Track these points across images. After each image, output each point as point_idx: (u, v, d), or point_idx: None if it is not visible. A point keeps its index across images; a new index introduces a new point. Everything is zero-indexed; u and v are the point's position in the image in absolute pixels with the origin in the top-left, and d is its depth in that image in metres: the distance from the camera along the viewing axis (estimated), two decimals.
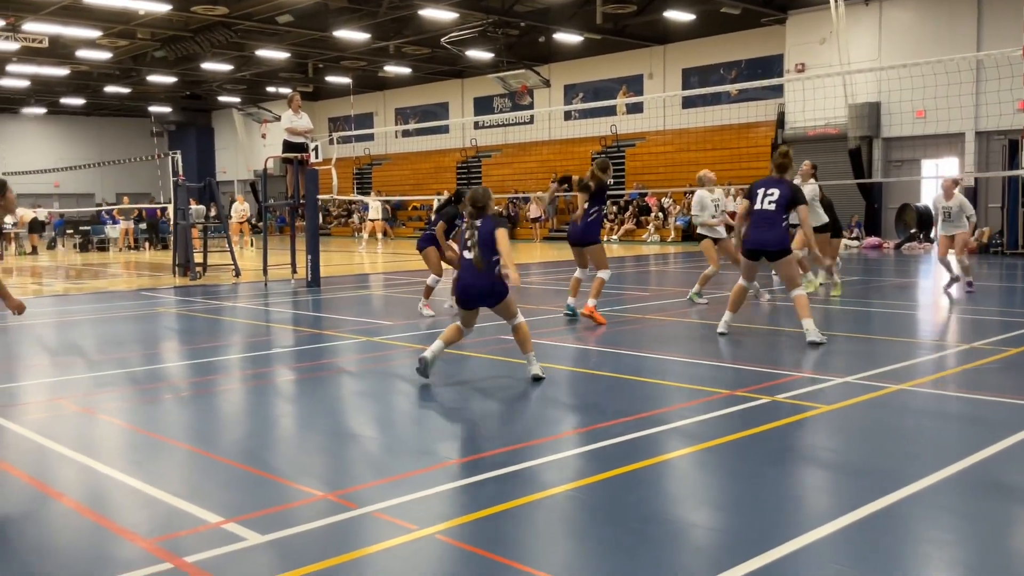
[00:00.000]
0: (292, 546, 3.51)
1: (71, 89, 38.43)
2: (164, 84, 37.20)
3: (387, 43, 29.16)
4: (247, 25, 26.44)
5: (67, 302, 13.50)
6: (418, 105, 39.26)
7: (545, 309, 11.27)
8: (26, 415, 6.00)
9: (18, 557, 3.53)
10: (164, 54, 29.77)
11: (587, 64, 32.44)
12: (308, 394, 6.73)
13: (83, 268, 21.36)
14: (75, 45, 28.64)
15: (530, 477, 4.40)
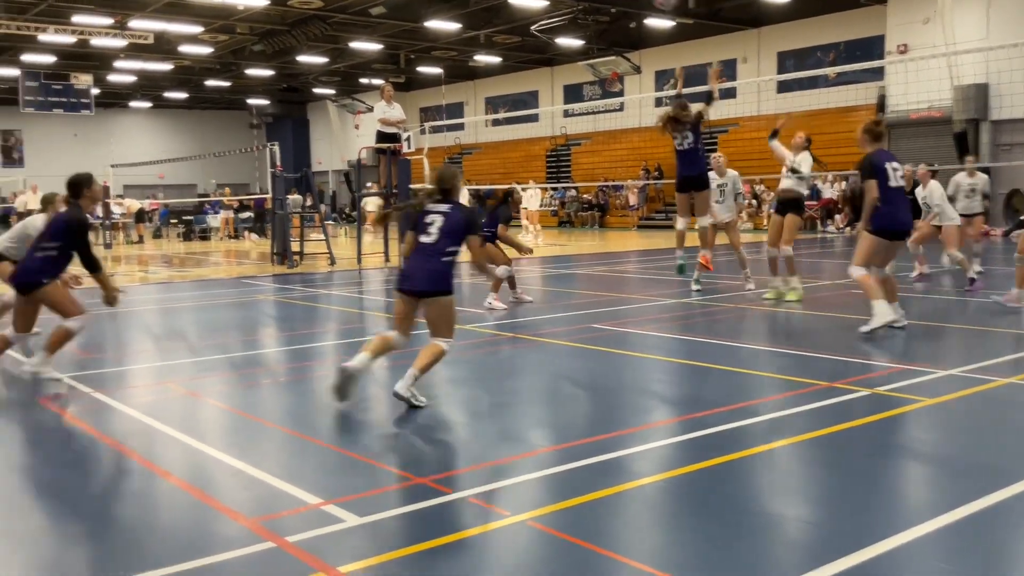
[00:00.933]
0: (389, 529, 3.59)
1: (174, 83, 39.85)
2: (262, 77, 38.23)
3: (477, 32, 29.30)
4: (341, 17, 26.93)
5: (171, 289, 14.06)
6: (508, 94, 39.35)
7: (638, 298, 11.19)
8: (135, 397, 6.28)
9: (128, 533, 3.71)
10: (262, 48, 30.59)
11: (679, 49, 31.92)
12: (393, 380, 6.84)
13: (186, 256, 22.19)
14: (178, 41, 29.67)
15: (623, 466, 4.39)
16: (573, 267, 15.35)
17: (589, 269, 15.29)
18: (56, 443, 5.25)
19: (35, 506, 4.14)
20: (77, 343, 8.52)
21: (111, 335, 9.68)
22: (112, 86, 38.40)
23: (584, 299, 11.18)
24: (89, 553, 3.54)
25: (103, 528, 3.79)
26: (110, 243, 25.58)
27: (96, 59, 32.45)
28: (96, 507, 4.05)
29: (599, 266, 16.10)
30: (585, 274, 14.54)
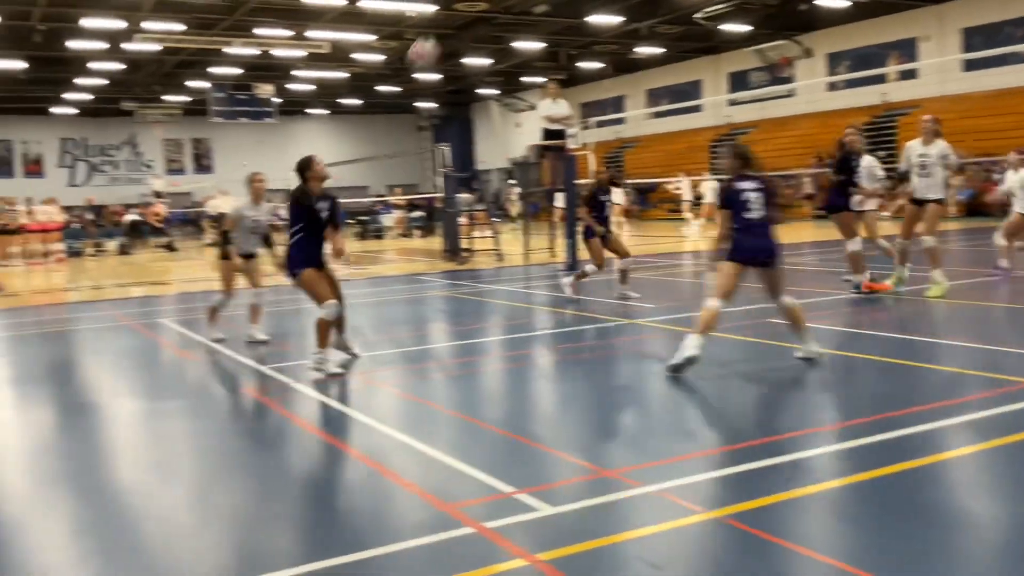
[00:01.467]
0: (582, 519, 3.66)
1: (349, 90, 41.72)
2: (430, 81, 39.42)
3: (639, 25, 29.05)
4: (505, 18, 27.38)
5: (349, 287, 14.76)
6: (670, 85, 38.80)
7: (816, 291, 10.80)
8: (324, 386, 6.65)
9: (334, 514, 3.96)
10: None
11: (853, 30, 30.47)
12: (573, 375, 6.93)
13: (362, 254, 23.21)
14: (352, 49, 31.05)
15: (812, 466, 4.28)
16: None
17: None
18: (257, 429, 5.65)
19: (236, 487, 4.47)
20: (275, 336, 9.10)
21: (299, 328, 10.28)
22: (292, 95, 40.63)
23: (758, 292, 10.88)
24: (298, 533, 3.80)
25: (308, 511, 4.06)
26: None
27: (277, 70, 34.45)
28: (299, 491, 4.33)
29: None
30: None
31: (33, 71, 31.60)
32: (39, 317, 12.43)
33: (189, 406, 6.30)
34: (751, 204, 6.29)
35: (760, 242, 6.36)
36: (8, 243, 22.79)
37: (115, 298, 14.11)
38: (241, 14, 24.80)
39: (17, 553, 3.68)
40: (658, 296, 11.14)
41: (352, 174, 45.91)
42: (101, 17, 24.08)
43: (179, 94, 37.67)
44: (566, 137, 15.76)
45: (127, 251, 27.26)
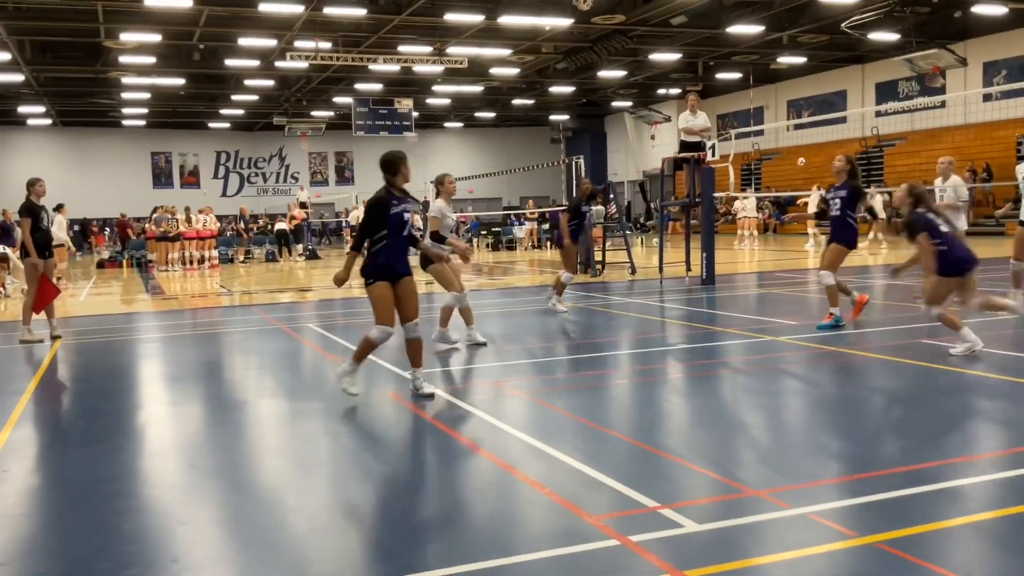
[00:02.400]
0: (730, 538, 3.58)
1: (484, 104, 42.47)
2: (563, 93, 39.64)
3: (781, 34, 28.32)
4: (642, 30, 27.23)
5: (482, 296, 14.96)
6: (812, 95, 37.63)
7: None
8: (465, 394, 6.76)
9: (481, 521, 4.01)
10: (565, 65, 31.70)
11: (1011, 37, 28.76)
12: (718, 389, 6.78)
13: (495, 265, 23.51)
14: (489, 64, 31.60)
15: (970, 495, 4.04)
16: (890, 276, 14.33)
17: (913, 279, 14.20)
18: (399, 433, 5.79)
19: (386, 487, 4.58)
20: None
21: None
22: (430, 109, 41.69)
23: (907, 312, 10.39)
24: (438, 536, 3.87)
25: (448, 516, 4.12)
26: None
27: (417, 85, 35.43)
28: (439, 495, 4.41)
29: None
30: (907, 284, 13.52)
31: (192, 87, 33.66)
32: (195, 319, 13.18)
33: (331, 407, 6.52)
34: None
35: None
36: (169, 249, 24.28)
37: (264, 303, 14.80)
38: (385, 32, 25.64)
39: (171, 544, 3.90)
40: (792, 312, 10.79)
41: (486, 186, 46.70)
42: (255, 36, 25.41)
43: (324, 109, 39.27)
44: (704, 149, 15.51)
45: (275, 258, 28.56)
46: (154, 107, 38.38)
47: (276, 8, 22.04)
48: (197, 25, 24.57)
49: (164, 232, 24.26)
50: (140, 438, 5.97)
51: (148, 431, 6.13)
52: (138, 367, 9.10)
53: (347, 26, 25.40)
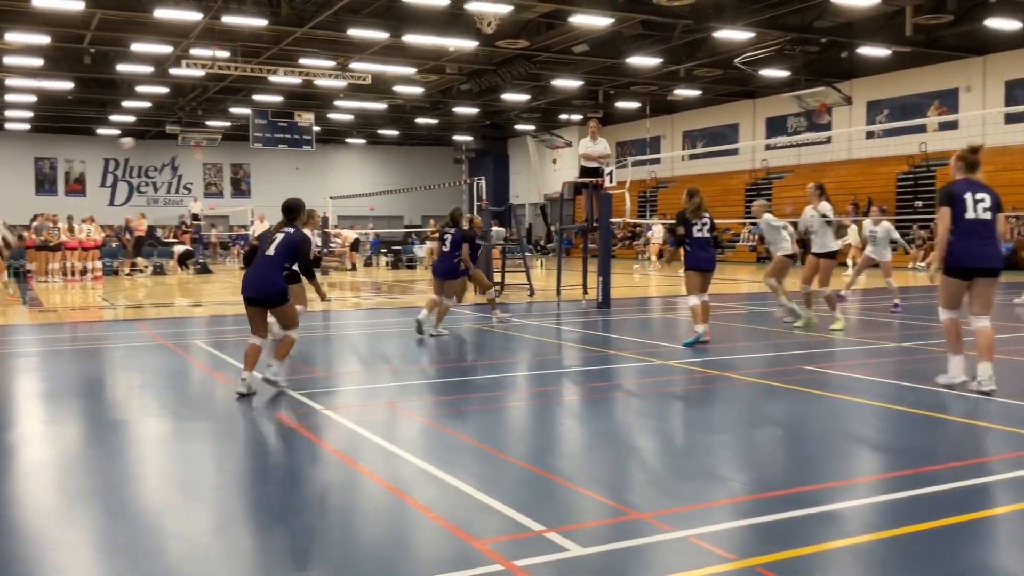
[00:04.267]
0: (613, 562, 3.61)
1: (387, 121, 42.27)
2: (467, 115, 39.82)
3: (678, 67, 29.21)
4: (545, 56, 27.65)
5: (381, 315, 14.82)
6: (707, 127, 38.88)
7: (849, 340, 10.68)
8: (356, 415, 6.66)
9: (364, 547, 3.94)
10: (469, 87, 31.88)
11: (894, 79, 30.42)
12: (608, 414, 6.88)
13: (394, 283, 23.33)
14: (393, 81, 31.49)
15: (848, 518, 4.21)
16: (774, 304, 14.85)
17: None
18: (286, 455, 5.65)
19: (271, 511, 4.46)
20: (303, 362, 9.18)
21: (330, 355, 10.33)
22: (331, 124, 41.22)
23: (789, 338, 10.79)
24: (324, 561, 3.78)
25: (335, 540, 4.04)
26: (327, 270, 27.31)
27: (318, 99, 34.99)
28: (326, 519, 4.32)
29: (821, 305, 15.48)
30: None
31: (81, 92, 32.37)
32: (75, 333, 12.60)
33: (217, 428, 6.33)
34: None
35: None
36: (49, 259, 23.18)
37: (150, 317, 14.28)
38: (287, 44, 25.26)
39: (39, 570, 3.69)
40: (682, 337, 11.07)
41: (388, 204, 46.41)
42: (150, 42, 24.64)
43: (221, 119, 38.36)
44: (603, 175, 15.81)
45: (163, 271, 27.62)
46: (40, 111, 36.75)
47: (172, 15, 21.44)
48: (88, 28, 23.70)
49: (44, 241, 23.17)
50: (9, 458, 5.65)
51: (19, 451, 5.81)
52: (11, 383, 8.62)
53: (247, 36, 24.92)
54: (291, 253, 7.30)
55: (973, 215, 6.91)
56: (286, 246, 7.30)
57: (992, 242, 6.99)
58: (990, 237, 6.97)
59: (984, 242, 6.94)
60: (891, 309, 13.54)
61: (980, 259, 6.95)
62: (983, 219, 6.92)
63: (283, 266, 7.31)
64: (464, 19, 22.91)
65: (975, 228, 6.90)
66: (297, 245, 7.33)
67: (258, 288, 7.25)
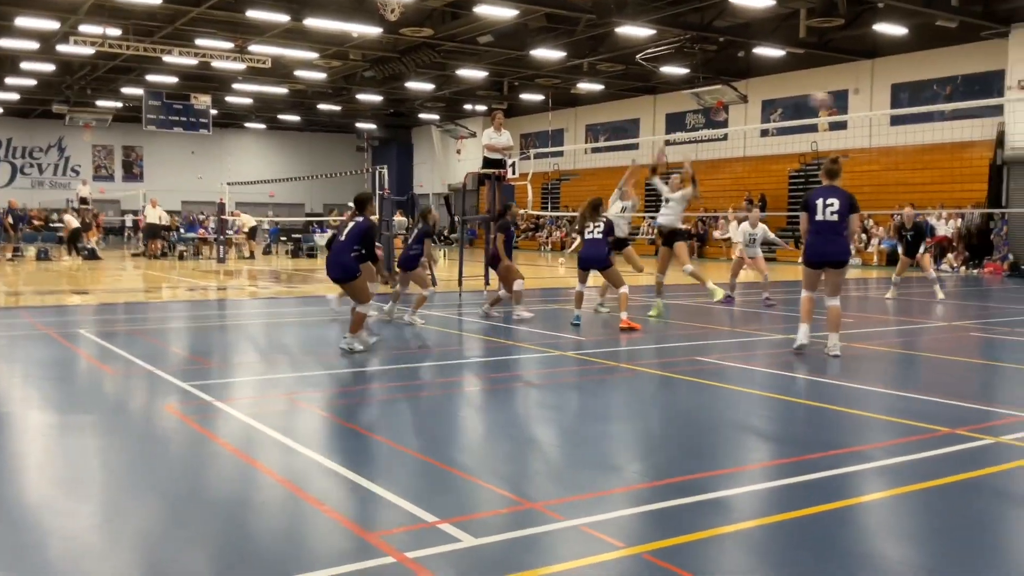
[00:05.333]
0: (504, 552, 3.64)
1: (288, 106, 41.40)
2: (371, 102, 39.36)
3: (582, 60, 29.54)
4: (450, 46, 27.56)
5: (280, 304, 14.53)
6: (609, 121, 39.45)
7: (740, 332, 11.03)
8: (248, 406, 6.52)
9: (248, 541, 3.86)
10: (373, 74, 31.51)
11: (788, 79, 31.48)
12: (504, 404, 6.93)
13: (294, 273, 22.91)
14: (294, 66, 30.86)
15: (733, 505, 4.35)
16: (671, 297, 15.21)
17: (687, 300, 15.14)
18: (176, 448, 5.49)
19: (153, 508, 4.34)
20: (195, 352, 8.96)
21: (225, 346, 10.08)
22: (229, 107, 40.12)
23: (684, 330, 11.07)
24: (207, 557, 3.70)
25: (223, 533, 3.96)
26: (224, 258, 26.61)
27: (216, 81, 34.01)
28: (216, 513, 4.22)
29: (699, 296, 15.93)
30: (684, 305, 14.41)
31: None
32: None
33: (103, 421, 6.10)
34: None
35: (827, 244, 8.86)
36: None
37: (33, 305, 13.64)
38: (182, 23, 24.45)
39: None
40: (581, 327, 11.24)
41: (288, 191, 45.49)
42: (36, 17, 23.47)
43: (112, 99, 36.88)
44: (506, 166, 15.87)
45: (47, 256, 26.42)
46: None
47: None
48: None
49: None
50: None
51: None
52: None
53: (139, 14, 24.01)
54: (360, 239, 8.95)
55: (822, 217, 8.53)
56: (356, 233, 8.91)
57: (838, 239, 8.54)
58: (836, 235, 8.52)
59: (830, 239, 8.53)
60: (763, 302, 14.03)
61: (825, 253, 8.64)
62: (830, 220, 8.50)
63: (352, 249, 8.85)
64: (368, 5, 22.62)
65: (823, 228, 8.54)
66: (365, 232, 8.99)
67: (334, 268, 8.78)
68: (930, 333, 11.49)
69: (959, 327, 11.90)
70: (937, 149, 27.20)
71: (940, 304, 14.42)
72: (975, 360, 9.41)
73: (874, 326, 11.89)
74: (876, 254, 26.87)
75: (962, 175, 26.01)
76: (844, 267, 8.74)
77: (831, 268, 8.69)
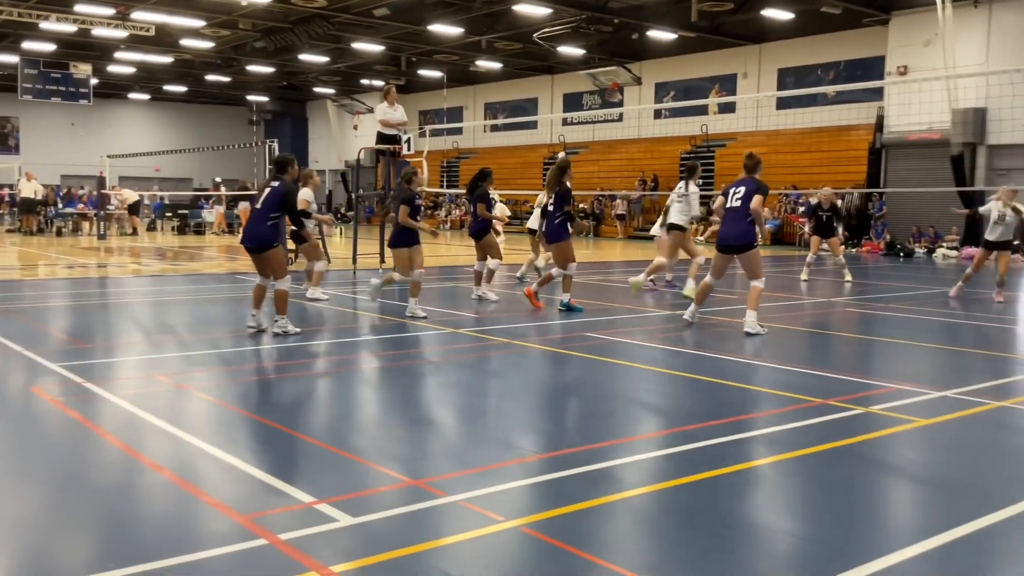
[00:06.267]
0: (382, 530, 3.58)
1: (174, 77, 39.78)
2: (262, 74, 38.21)
3: (479, 38, 29.36)
4: (344, 17, 26.95)
5: (164, 283, 14.01)
6: (507, 100, 39.42)
7: (630, 308, 11.20)
8: (125, 388, 6.26)
9: (117, 525, 3.69)
10: (264, 45, 30.58)
11: (680, 62, 32.06)
12: (392, 382, 6.85)
13: (180, 250, 22.13)
14: (180, 34, 29.65)
15: (614, 476, 4.40)
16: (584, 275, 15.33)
17: (583, 278, 15.30)
18: (45, 432, 5.22)
19: (21, 495, 4.11)
20: (71, 333, 8.55)
21: (104, 326, 9.65)
22: (111, 77, 38.33)
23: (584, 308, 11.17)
24: (77, 544, 3.52)
25: (92, 519, 3.78)
26: (104, 234, 25.49)
27: (96, 49, 32.38)
28: (84, 498, 4.02)
29: (593, 275, 16.13)
30: (578, 283, 14.57)
31: None
32: None
33: None
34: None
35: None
36: None
37: None
38: None
39: None
40: (473, 305, 11.22)
41: (175, 166, 43.86)
42: None
43: None
44: (401, 143, 15.65)
45: None
46: None
47: None
48: None
49: None
50: None
51: None
52: None
53: None
54: (279, 204, 8.24)
55: (730, 205, 8.96)
56: (273, 198, 8.22)
57: (739, 224, 8.84)
58: (738, 221, 8.85)
59: (732, 224, 8.90)
60: (664, 284, 14.16)
61: (727, 238, 8.99)
62: (734, 207, 8.90)
63: (269, 217, 8.21)
64: None
65: (728, 215, 8.98)
66: (283, 196, 8.25)
67: (248, 238, 8.35)
68: (812, 310, 11.93)
69: (838, 303, 12.39)
70: (820, 132, 28.20)
71: (846, 285, 14.75)
72: (852, 335, 9.81)
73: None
74: (761, 234, 27.74)
75: (844, 157, 27.05)
76: (748, 251, 8.89)
77: (736, 253, 8.95)
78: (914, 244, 24.46)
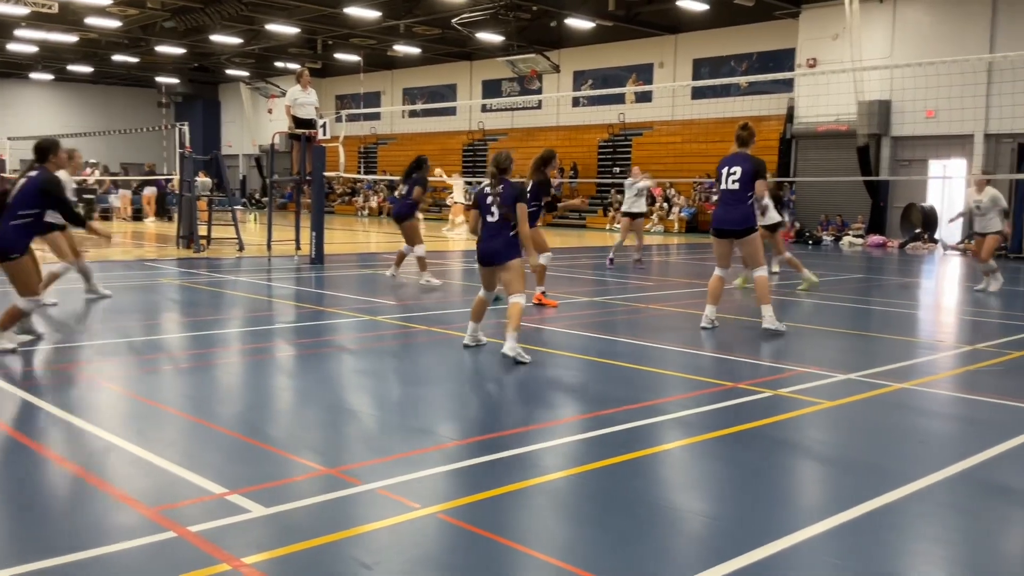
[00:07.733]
0: (296, 520, 3.53)
1: (79, 56, 38.27)
2: (172, 55, 37.05)
3: (397, 22, 29.04)
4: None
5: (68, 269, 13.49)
6: (426, 86, 39.14)
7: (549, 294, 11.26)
8: (30, 380, 6.02)
9: (19, 520, 3.55)
10: (173, 24, 29.65)
11: (597, 51, 32.30)
12: (309, 370, 6.75)
13: (86, 236, 21.31)
14: (84, 12, 28.49)
15: (531, 461, 4.42)
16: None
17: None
18: None
19: None
20: None
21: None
22: (11, 55, 36.66)
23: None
24: None
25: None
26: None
27: None
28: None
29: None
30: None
31: None
32: None
33: None
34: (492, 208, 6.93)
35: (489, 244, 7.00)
36: None
37: None
38: None
39: None
40: (391, 292, 11.14)
41: (80, 148, 42.17)
42: None
43: None
44: (316, 127, 15.39)
45: None
46: None
47: None
48: None
49: None
50: None
51: None
52: None
53: None
54: (36, 198, 6.68)
55: (725, 186, 8.23)
56: (29, 191, 6.68)
57: (738, 207, 8.15)
58: (736, 203, 8.16)
59: (729, 207, 8.20)
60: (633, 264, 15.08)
61: (724, 221, 8.29)
62: (731, 189, 8.16)
63: (18, 214, 6.62)
64: None
65: (724, 197, 8.26)
66: (39, 188, 6.69)
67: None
68: (729, 294, 12.18)
69: (752, 291, 12.70)
70: (733, 122, 28.66)
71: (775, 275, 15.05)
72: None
73: (675, 288, 12.48)
74: (676, 222, 28.22)
75: (756, 148, 27.65)
76: (748, 236, 8.20)
77: (735, 238, 8.26)
78: (822, 232, 25.23)
